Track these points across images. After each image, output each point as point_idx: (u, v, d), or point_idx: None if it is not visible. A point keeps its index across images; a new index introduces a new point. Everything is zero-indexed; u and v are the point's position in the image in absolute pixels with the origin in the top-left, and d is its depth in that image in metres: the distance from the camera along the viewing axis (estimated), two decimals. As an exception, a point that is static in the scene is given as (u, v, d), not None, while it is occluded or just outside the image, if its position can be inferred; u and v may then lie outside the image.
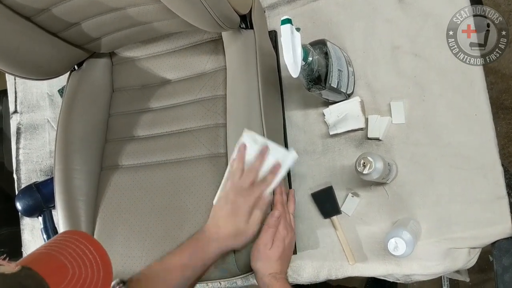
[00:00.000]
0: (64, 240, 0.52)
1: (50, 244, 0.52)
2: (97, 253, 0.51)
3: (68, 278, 0.46)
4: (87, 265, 0.49)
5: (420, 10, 1.00)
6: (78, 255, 0.50)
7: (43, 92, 1.46)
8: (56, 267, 0.47)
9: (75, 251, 0.50)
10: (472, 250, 0.93)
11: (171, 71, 1.11)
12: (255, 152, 0.88)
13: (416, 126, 0.97)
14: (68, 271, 0.47)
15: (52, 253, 0.50)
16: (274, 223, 0.86)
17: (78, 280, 0.47)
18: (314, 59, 0.84)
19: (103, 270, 0.50)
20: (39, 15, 0.96)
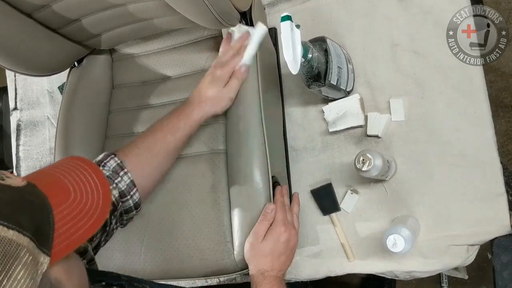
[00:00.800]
0: (69, 164, 0.53)
1: (56, 166, 0.53)
2: (99, 182, 0.52)
3: (69, 201, 0.47)
4: (88, 191, 0.49)
5: (419, 8, 1.00)
6: (81, 180, 0.50)
7: (43, 89, 1.46)
8: (59, 189, 0.48)
9: (79, 177, 0.51)
10: (471, 247, 0.93)
11: (171, 68, 1.11)
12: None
13: (415, 124, 0.98)
14: (70, 194, 0.48)
15: (57, 175, 0.50)
16: (267, 216, 0.86)
17: (78, 205, 0.47)
18: (314, 56, 0.84)
19: (103, 199, 0.50)
20: (39, 11, 0.95)
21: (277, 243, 0.84)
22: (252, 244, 0.85)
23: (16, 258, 0.38)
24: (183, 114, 0.90)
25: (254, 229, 0.86)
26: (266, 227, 0.86)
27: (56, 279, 0.43)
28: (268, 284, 0.81)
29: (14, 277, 0.38)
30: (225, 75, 0.93)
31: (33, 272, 0.39)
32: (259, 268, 0.83)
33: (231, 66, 0.93)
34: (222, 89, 0.92)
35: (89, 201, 0.48)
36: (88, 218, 0.47)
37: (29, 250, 0.39)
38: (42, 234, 0.42)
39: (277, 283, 0.82)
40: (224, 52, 0.97)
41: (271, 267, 0.83)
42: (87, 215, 0.47)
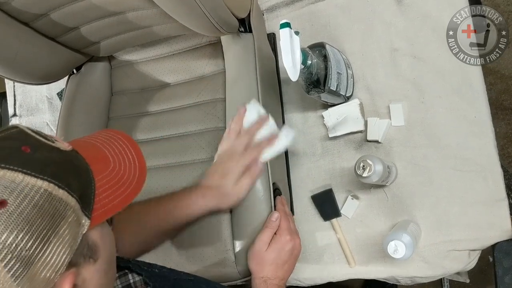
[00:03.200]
0: (109, 136, 0.55)
1: (96, 136, 0.55)
2: (136, 155, 0.54)
3: (108, 170, 0.49)
4: (126, 164, 0.52)
5: (418, 12, 1.00)
6: (119, 152, 0.53)
7: (42, 95, 1.46)
8: (100, 158, 0.50)
9: (117, 148, 0.53)
10: (472, 252, 0.93)
11: (170, 75, 1.11)
12: (255, 120, 0.90)
13: (415, 128, 0.97)
14: (109, 163, 0.50)
15: (97, 145, 0.53)
16: (272, 224, 0.85)
17: (116, 174, 0.50)
18: (313, 62, 0.84)
19: (139, 171, 0.52)
20: (38, 20, 0.95)
21: (282, 251, 0.83)
22: (257, 252, 0.84)
23: (64, 216, 0.42)
24: (184, 204, 0.85)
25: (259, 237, 0.84)
26: (271, 235, 0.84)
27: (93, 242, 0.46)
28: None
29: (60, 234, 0.41)
30: (239, 170, 0.85)
31: (76, 232, 0.43)
32: (262, 275, 0.83)
33: (247, 161, 0.86)
34: (233, 186, 0.85)
35: (126, 172, 0.51)
36: (125, 188, 0.50)
37: (74, 210, 0.43)
38: (86, 198, 0.45)
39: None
40: (235, 131, 0.89)
41: (274, 275, 0.83)
42: (124, 185, 0.50)
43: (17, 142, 0.44)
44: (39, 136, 0.47)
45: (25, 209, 0.39)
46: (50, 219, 0.40)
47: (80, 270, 0.44)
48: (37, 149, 0.44)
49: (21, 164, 0.41)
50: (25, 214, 0.39)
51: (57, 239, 0.41)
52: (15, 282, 0.38)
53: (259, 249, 0.83)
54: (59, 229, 0.41)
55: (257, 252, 0.84)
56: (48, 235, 0.40)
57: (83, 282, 0.45)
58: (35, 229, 0.39)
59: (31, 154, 0.43)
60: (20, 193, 0.39)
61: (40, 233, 0.40)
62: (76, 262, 0.44)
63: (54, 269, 0.40)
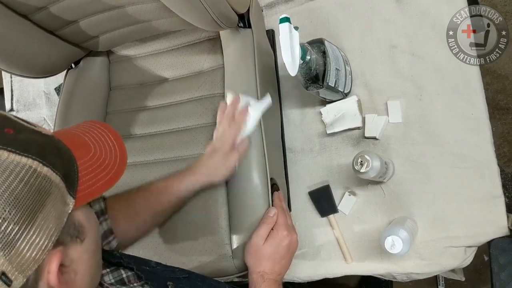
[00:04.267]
0: (88, 126, 0.57)
1: (75, 127, 0.57)
2: (115, 141, 0.56)
3: (90, 155, 0.51)
4: (107, 149, 0.53)
5: (417, 10, 1.00)
6: (99, 139, 0.54)
7: (39, 90, 1.46)
8: (81, 144, 0.52)
9: (98, 136, 0.55)
10: (468, 249, 0.93)
11: (169, 70, 1.11)
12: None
13: (413, 125, 0.98)
14: (90, 149, 0.52)
15: (78, 133, 0.54)
16: (269, 220, 0.86)
17: (98, 159, 0.51)
18: (312, 58, 0.84)
19: (120, 156, 0.54)
20: (37, 13, 0.95)
21: (279, 247, 0.84)
22: (254, 247, 0.84)
23: (49, 193, 0.43)
24: (176, 179, 0.89)
25: (256, 231, 0.85)
26: (268, 231, 0.85)
27: (79, 222, 0.47)
28: (266, 286, 0.81)
29: (46, 210, 0.42)
30: (225, 147, 0.90)
31: (61, 210, 0.44)
32: (260, 270, 0.83)
33: (230, 139, 0.91)
34: (221, 160, 0.90)
35: (107, 157, 0.52)
36: (107, 172, 0.51)
37: (59, 188, 0.44)
38: (70, 178, 0.46)
39: (276, 286, 0.82)
40: (219, 122, 0.95)
41: (271, 270, 0.83)
42: (106, 169, 0.51)
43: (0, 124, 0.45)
44: (22, 121, 0.48)
45: (11, 184, 0.40)
46: (36, 194, 0.41)
47: (67, 250, 0.45)
48: (20, 131, 0.45)
49: (6, 143, 0.42)
50: (11, 188, 0.40)
51: (43, 215, 0.41)
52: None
53: (256, 244, 0.84)
54: (45, 206, 0.42)
55: (254, 247, 0.84)
56: (35, 210, 0.41)
57: (71, 262, 0.46)
58: (21, 204, 0.40)
59: (14, 135, 0.44)
60: (6, 169, 0.40)
61: (27, 208, 0.40)
62: (63, 241, 0.45)
63: (40, 246, 0.41)
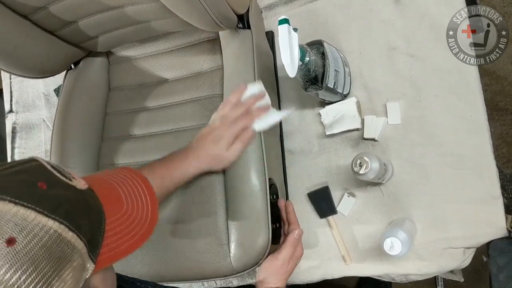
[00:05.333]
0: (125, 176, 0.54)
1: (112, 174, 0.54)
2: (150, 198, 0.53)
3: (121, 213, 0.48)
4: (139, 206, 0.51)
5: (416, 11, 1.01)
6: (133, 192, 0.52)
7: (39, 91, 1.46)
8: (114, 198, 0.49)
9: (132, 189, 0.52)
10: (467, 250, 0.93)
11: (168, 71, 1.11)
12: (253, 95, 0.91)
13: (412, 127, 0.98)
14: (123, 206, 0.49)
15: (113, 184, 0.52)
16: (296, 242, 0.87)
17: (128, 218, 0.49)
18: (311, 59, 0.85)
19: (151, 216, 0.52)
20: (36, 13, 0.95)
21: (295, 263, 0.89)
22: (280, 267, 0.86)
23: (69, 260, 0.41)
24: (179, 166, 0.86)
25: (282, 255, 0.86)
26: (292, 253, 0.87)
27: (94, 286, 0.45)
28: None
29: (63, 278, 0.40)
30: (231, 137, 0.86)
31: (79, 277, 0.42)
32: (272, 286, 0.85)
33: (238, 128, 0.86)
34: (225, 151, 0.86)
35: (138, 216, 0.50)
36: (135, 233, 0.49)
37: (81, 254, 0.41)
38: (94, 241, 0.44)
39: None
40: (234, 105, 0.89)
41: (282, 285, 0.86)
42: (134, 230, 0.49)
43: (34, 177, 0.43)
44: (57, 172, 0.46)
45: (32, 249, 0.38)
46: (56, 261, 0.40)
47: None
48: (53, 186, 0.43)
49: (35, 201, 0.40)
50: (32, 254, 0.38)
51: (59, 283, 0.40)
52: None
53: (282, 265, 0.86)
54: (63, 273, 0.40)
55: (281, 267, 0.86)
56: (52, 278, 0.39)
57: None
58: (39, 271, 0.38)
59: (46, 191, 0.42)
60: (30, 232, 0.39)
61: (43, 276, 0.39)
62: None
63: None
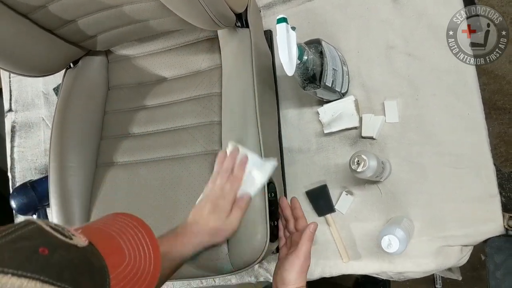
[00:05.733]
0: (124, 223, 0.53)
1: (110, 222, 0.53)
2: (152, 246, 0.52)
3: (124, 265, 0.47)
4: (141, 256, 0.50)
5: (414, 11, 1.01)
6: (135, 243, 0.50)
7: (38, 90, 1.46)
8: (116, 250, 0.48)
9: (134, 239, 0.50)
10: (464, 248, 0.94)
11: (167, 69, 1.12)
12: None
13: (410, 125, 0.98)
14: (125, 257, 0.48)
15: (112, 234, 0.50)
16: (313, 236, 0.86)
17: (131, 269, 0.47)
18: (309, 58, 0.85)
19: (154, 265, 0.50)
20: (36, 12, 0.96)
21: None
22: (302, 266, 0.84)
23: None
24: (178, 242, 0.82)
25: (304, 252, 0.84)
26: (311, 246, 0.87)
27: None
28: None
29: None
30: (228, 205, 0.85)
31: None
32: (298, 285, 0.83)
33: (230, 196, 0.86)
34: (225, 220, 0.84)
35: (141, 266, 0.49)
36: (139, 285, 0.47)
37: None
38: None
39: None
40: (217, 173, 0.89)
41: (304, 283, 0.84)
42: (138, 282, 0.47)
43: (34, 242, 0.41)
44: (57, 232, 0.44)
45: None
46: None
47: None
48: (55, 250, 0.41)
49: (39, 270, 0.39)
50: None
51: None
52: None
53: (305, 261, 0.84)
54: None
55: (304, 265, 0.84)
56: None
57: None
58: None
59: (48, 257, 0.40)
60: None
61: None
62: None
63: None
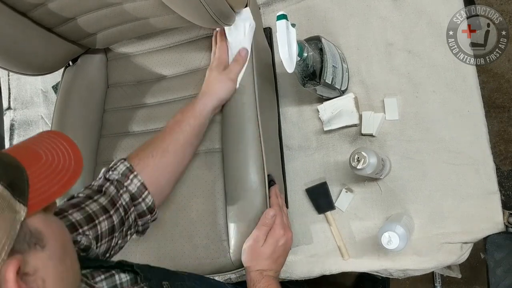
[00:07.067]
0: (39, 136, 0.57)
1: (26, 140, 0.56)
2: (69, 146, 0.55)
3: (41, 163, 0.50)
4: (59, 154, 0.53)
5: (413, 8, 1.01)
6: (51, 146, 0.54)
7: (37, 88, 1.46)
8: (30, 154, 0.51)
9: (49, 144, 0.54)
10: (464, 245, 0.94)
11: (166, 67, 1.11)
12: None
13: (409, 122, 0.98)
14: (41, 157, 0.51)
15: (28, 145, 0.54)
16: (268, 221, 0.86)
17: (50, 165, 0.51)
18: (309, 55, 0.85)
19: (75, 160, 0.53)
20: (35, 10, 0.95)
21: (277, 247, 0.85)
22: (252, 249, 0.85)
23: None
24: (186, 107, 0.92)
25: (253, 234, 0.86)
26: (266, 232, 0.86)
27: (36, 229, 0.46)
28: (266, 282, 0.82)
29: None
30: (222, 63, 0.95)
31: (11, 219, 0.43)
32: (258, 268, 0.84)
33: (224, 56, 0.96)
34: (222, 72, 0.94)
35: (61, 162, 0.52)
36: (62, 176, 0.50)
37: (4, 197, 0.43)
38: (17, 187, 0.45)
39: (274, 283, 0.83)
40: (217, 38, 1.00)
41: (269, 268, 0.84)
42: (60, 173, 0.50)
43: None
44: None
45: None
46: None
47: (27, 258, 0.45)
48: None
49: None
50: None
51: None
52: None
53: (255, 245, 0.85)
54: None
55: (253, 249, 0.85)
56: None
57: (35, 270, 0.46)
58: None
59: None
60: None
61: None
62: (20, 249, 0.44)
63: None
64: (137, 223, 0.82)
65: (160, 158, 0.85)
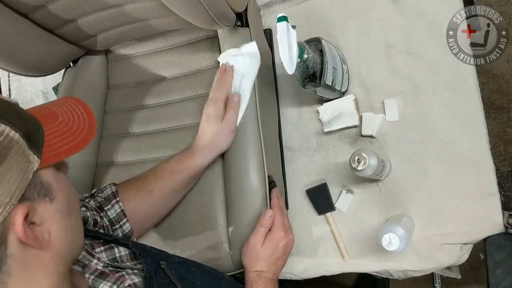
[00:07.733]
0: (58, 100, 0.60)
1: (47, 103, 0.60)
2: (84, 110, 0.58)
3: (57, 122, 0.53)
4: (75, 117, 0.56)
5: (413, 9, 1.01)
6: (68, 109, 0.57)
7: (37, 89, 1.46)
8: (48, 113, 0.54)
9: (66, 107, 0.57)
10: (464, 246, 0.94)
11: (167, 68, 1.12)
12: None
13: (409, 124, 0.98)
14: (58, 117, 0.54)
15: (47, 106, 0.57)
16: (266, 222, 0.86)
17: (65, 125, 0.54)
18: (309, 57, 0.85)
19: (89, 123, 0.57)
20: (36, 11, 0.96)
21: (276, 248, 0.85)
22: (252, 249, 0.85)
23: (9, 149, 0.45)
24: (184, 157, 0.90)
25: (253, 234, 0.85)
26: (265, 233, 0.86)
27: (47, 182, 0.50)
28: (263, 284, 0.82)
29: (6, 164, 0.44)
30: (220, 110, 0.91)
31: (24, 167, 0.46)
32: (256, 269, 0.84)
33: (221, 100, 0.92)
34: (220, 123, 0.91)
35: (75, 123, 0.55)
36: (76, 136, 0.54)
37: (19, 145, 0.46)
38: (33, 139, 0.48)
39: (272, 285, 0.83)
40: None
41: (267, 270, 0.84)
42: (74, 134, 0.54)
43: None
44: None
45: None
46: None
47: (35, 206, 0.48)
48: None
49: None
50: None
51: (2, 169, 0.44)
52: None
53: (253, 246, 0.85)
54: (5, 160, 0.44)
55: (252, 249, 0.85)
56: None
57: (42, 221, 0.48)
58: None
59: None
60: None
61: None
62: (30, 197, 0.47)
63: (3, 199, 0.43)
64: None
65: (144, 198, 0.87)
